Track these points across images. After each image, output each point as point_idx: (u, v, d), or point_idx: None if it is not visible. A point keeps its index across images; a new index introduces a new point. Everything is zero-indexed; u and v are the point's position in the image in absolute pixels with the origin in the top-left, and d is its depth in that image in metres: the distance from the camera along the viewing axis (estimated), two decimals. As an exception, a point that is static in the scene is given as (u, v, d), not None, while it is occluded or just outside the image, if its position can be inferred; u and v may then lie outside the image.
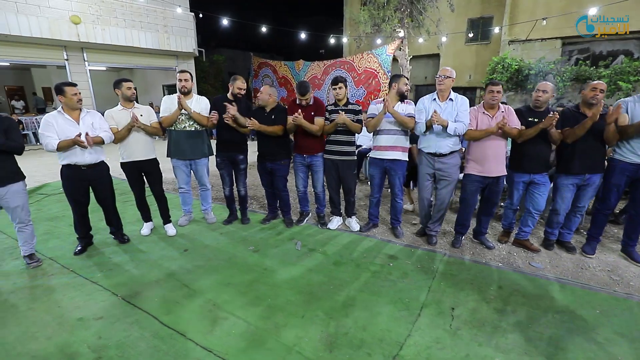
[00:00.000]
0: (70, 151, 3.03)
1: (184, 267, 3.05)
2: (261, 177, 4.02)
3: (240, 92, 3.75)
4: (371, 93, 9.39)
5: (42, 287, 2.73)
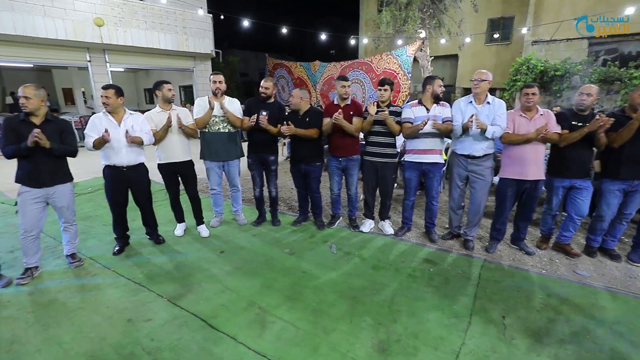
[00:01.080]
0: (109, 151, 3.07)
1: (223, 269, 3.04)
2: (294, 179, 4.01)
3: (265, 92, 3.74)
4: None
5: (88, 287, 2.75)
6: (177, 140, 3.49)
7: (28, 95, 2.62)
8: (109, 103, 3.02)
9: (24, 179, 2.72)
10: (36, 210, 2.79)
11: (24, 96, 2.60)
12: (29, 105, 2.62)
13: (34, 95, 2.63)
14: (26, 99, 2.61)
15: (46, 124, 2.74)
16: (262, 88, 3.73)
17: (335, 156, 3.79)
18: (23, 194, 2.73)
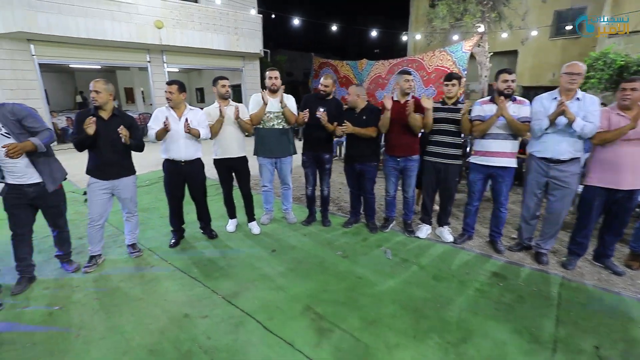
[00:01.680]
0: (169, 145, 3.12)
1: (276, 268, 2.96)
2: (348, 179, 3.85)
3: (324, 90, 3.62)
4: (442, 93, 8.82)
5: (147, 277, 2.81)
6: (234, 136, 3.49)
7: (98, 89, 2.72)
8: (172, 98, 3.07)
9: (93, 171, 2.84)
10: (103, 200, 2.90)
11: (94, 90, 2.70)
12: (98, 99, 2.72)
13: (103, 89, 2.73)
14: (96, 93, 2.71)
15: (113, 118, 2.84)
16: (322, 85, 3.63)
17: (392, 156, 3.57)
18: (92, 185, 2.85)
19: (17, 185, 2.47)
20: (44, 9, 7.79)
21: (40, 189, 2.55)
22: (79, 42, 8.78)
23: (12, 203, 2.49)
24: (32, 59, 8.56)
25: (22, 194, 2.49)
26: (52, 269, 2.95)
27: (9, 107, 2.39)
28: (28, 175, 2.48)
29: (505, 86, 3.03)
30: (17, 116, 2.39)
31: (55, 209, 2.70)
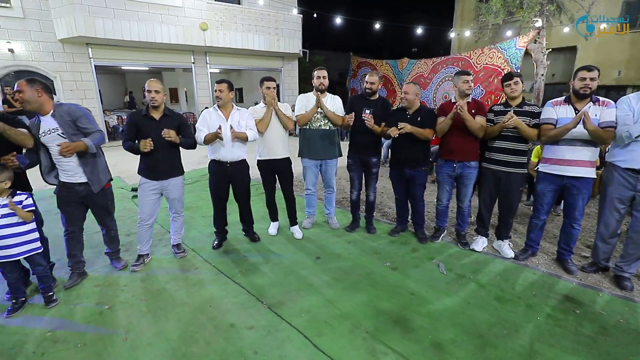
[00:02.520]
0: (216, 146, 3.07)
1: (322, 278, 2.81)
2: (395, 185, 3.61)
3: (370, 88, 3.42)
4: (491, 93, 8.26)
5: (192, 280, 2.76)
6: (279, 136, 3.39)
7: (158, 89, 2.73)
8: (221, 97, 3.02)
9: (144, 171, 2.85)
10: (153, 200, 2.90)
11: (154, 90, 2.71)
12: (158, 99, 2.73)
13: (161, 89, 2.74)
14: (156, 93, 2.72)
15: (164, 118, 2.83)
16: (368, 83, 3.43)
17: (448, 160, 3.29)
18: (143, 185, 2.86)
19: (68, 184, 2.52)
20: (101, 15, 8.26)
21: (89, 188, 2.58)
22: (131, 44, 9.23)
23: (65, 201, 2.55)
24: (90, 61, 9.13)
25: (74, 192, 2.54)
26: (101, 265, 3.00)
27: (65, 107, 2.45)
28: (79, 174, 2.53)
29: (581, 85, 2.66)
30: (72, 117, 2.44)
31: (102, 209, 2.74)
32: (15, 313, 2.32)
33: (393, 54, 15.94)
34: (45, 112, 2.41)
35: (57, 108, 2.44)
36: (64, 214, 2.58)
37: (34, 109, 2.39)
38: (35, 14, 8.29)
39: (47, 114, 2.41)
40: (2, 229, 2.19)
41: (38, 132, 2.39)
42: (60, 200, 2.54)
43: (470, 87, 3.15)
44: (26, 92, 2.31)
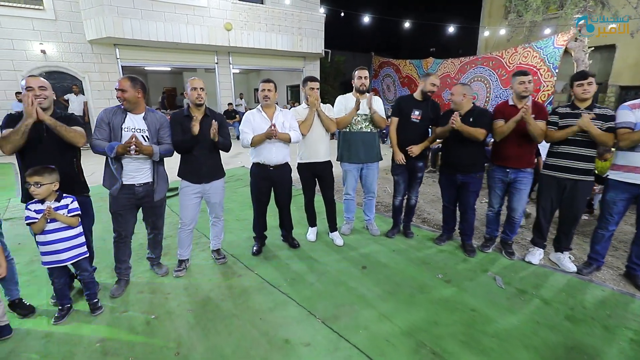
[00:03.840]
0: (260, 148, 2.95)
1: (373, 290, 2.64)
2: (444, 192, 3.41)
3: (432, 90, 3.24)
4: (525, 94, 7.91)
5: (235, 288, 2.64)
6: (321, 138, 3.25)
7: (202, 86, 2.64)
8: (270, 97, 2.91)
9: (186, 173, 2.75)
10: (194, 204, 2.80)
11: (200, 87, 2.62)
12: (204, 97, 2.64)
13: (204, 86, 2.64)
14: (202, 90, 2.63)
15: (206, 118, 2.72)
16: (430, 85, 3.25)
17: (502, 166, 3.08)
18: (184, 189, 2.76)
19: (129, 185, 2.45)
20: (129, 15, 8.33)
21: (149, 187, 2.53)
22: (156, 45, 9.28)
23: (123, 203, 2.47)
24: (117, 61, 9.22)
25: (133, 193, 2.47)
26: (142, 270, 2.92)
27: (158, 114, 2.55)
28: (141, 174, 2.48)
29: None
30: (160, 124, 2.53)
31: (159, 209, 2.68)
32: (62, 320, 2.24)
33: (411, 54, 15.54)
34: (138, 112, 2.45)
35: (148, 112, 2.49)
36: (117, 218, 2.50)
37: (129, 109, 2.42)
38: (67, 16, 8.42)
39: (139, 114, 2.46)
40: (51, 234, 2.12)
41: (120, 125, 2.36)
42: (116, 203, 2.46)
43: (527, 89, 2.93)
44: (129, 91, 2.35)
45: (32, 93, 2.11)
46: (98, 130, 2.38)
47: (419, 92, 3.34)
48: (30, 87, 2.12)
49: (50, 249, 2.13)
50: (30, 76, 2.20)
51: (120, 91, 2.34)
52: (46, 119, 2.11)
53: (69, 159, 2.34)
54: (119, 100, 2.39)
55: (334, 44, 21.39)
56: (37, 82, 2.17)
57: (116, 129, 2.38)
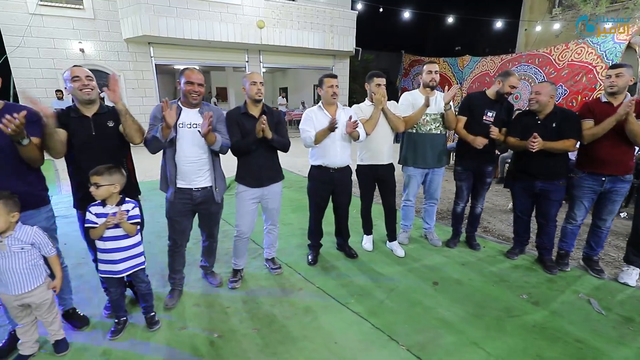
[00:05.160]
0: (323, 149, 2.70)
1: (454, 312, 2.33)
2: (517, 201, 3.05)
3: (511, 92, 2.90)
4: (577, 93, 7.35)
5: (299, 305, 2.39)
6: (386, 139, 2.98)
7: (262, 81, 2.42)
8: (337, 93, 2.66)
9: (244, 177, 2.52)
10: (252, 210, 2.58)
11: (260, 82, 2.39)
12: (263, 92, 2.41)
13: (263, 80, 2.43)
14: (262, 85, 2.39)
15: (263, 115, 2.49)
16: (509, 87, 2.91)
17: (595, 174, 2.70)
18: (242, 194, 2.54)
19: (186, 190, 2.25)
20: (165, 14, 8.32)
21: (207, 192, 2.32)
22: (189, 43, 9.26)
23: (179, 209, 2.27)
24: (151, 60, 9.27)
25: (190, 198, 2.27)
26: (194, 279, 2.73)
27: (213, 107, 2.35)
28: (200, 177, 2.27)
29: None
30: (217, 118, 2.31)
31: (216, 216, 2.47)
32: (119, 335, 2.06)
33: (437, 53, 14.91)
34: (195, 106, 2.24)
35: (204, 106, 2.27)
36: (173, 224, 2.31)
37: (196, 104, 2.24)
38: (105, 15, 8.50)
39: (195, 108, 2.24)
40: (108, 242, 1.93)
41: (176, 122, 2.15)
42: (173, 209, 2.27)
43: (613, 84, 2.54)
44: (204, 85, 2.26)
45: (80, 83, 1.94)
46: (152, 127, 2.17)
47: (494, 91, 3.00)
48: (77, 77, 1.95)
49: (106, 258, 1.95)
50: (76, 66, 2.03)
51: (198, 85, 2.16)
52: (120, 103, 1.96)
53: (119, 158, 2.15)
54: (190, 95, 2.16)
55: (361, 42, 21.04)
56: (83, 71, 2.00)
57: None
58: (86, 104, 2.01)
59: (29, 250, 1.77)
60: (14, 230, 1.73)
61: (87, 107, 2.02)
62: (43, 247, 1.82)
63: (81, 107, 2.01)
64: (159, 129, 2.06)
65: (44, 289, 1.83)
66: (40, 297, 1.82)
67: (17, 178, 1.82)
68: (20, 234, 1.74)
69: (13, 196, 1.70)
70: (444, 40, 23.92)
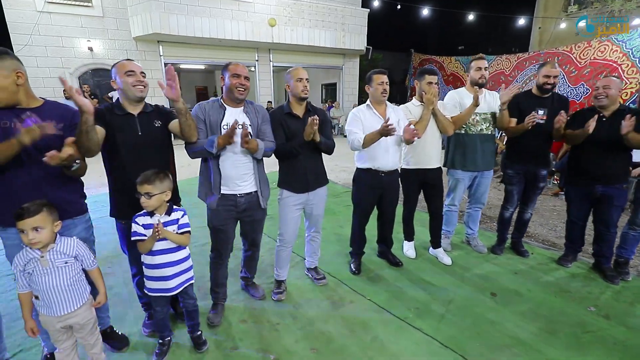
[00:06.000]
0: (375, 152, 2.51)
1: (524, 327, 2.14)
2: (574, 205, 2.86)
3: (547, 82, 2.72)
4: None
5: (356, 321, 2.20)
6: (434, 142, 2.79)
7: (308, 77, 2.22)
8: (387, 91, 2.46)
9: (288, 181, 2.32)
10: (297, 217, 2.40)
11: (306, 78, 2.20)
12: (309, 88, 2.22)
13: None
14: (307, 81, 2.21)
15: (307, 115, 2.30)
16: (543, 77, 2.73)
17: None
18: (285, 199, 2.34)
19: (230, 196, 2.05)
20: (176, 11, 8.13)
21: (251, 198, 2.12)
22: (199, 41, 9.07)
23: (224, 217, 2.08)
24: (160, 58, 9.07)
25: (234, 205, 2.07)
26: (233, 290, 2.53)
27: (257, 106, 2.16)
28: (244, 182, 2.07)
29: None
30: (261, 117, 2.11)
31: (260, 223, 2.28)
32: (164, 357, 1.87)
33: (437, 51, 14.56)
34: (239, 104, 2.06)
35: (248, 104, 2.09)
36: (218, 234, 2.12)
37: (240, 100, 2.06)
38: (113, 13, 8.31)
39: (240, 107, 2.05)
40: (158, 256, 1.74)
41: (219, 122, 1.97)
42: (217, 218, 2.07)
43: None
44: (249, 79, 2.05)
45: (135, 78, 1.75)
46: None
47: (535, 87, 2.84)
48: (131, 72, 1.76)
49: (156, 274, 1.75)
50: (129, 60, 1.85)
51: (245, 78, 1.97)
52: (180, 101, 1.76)
53: (165, 161, 1.97)
54: (237, 90, 1.96)
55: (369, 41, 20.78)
56: (138, 67, 1.83)
57: (214, 126, 1.98)
58: (135, 102, 1.82)
59: (73, 264, 1.58)
60: (54, 242, 1.54)
61: (134, 104, 1.83)
62: (85, 259, 1.63)
63: (127, 104, 1.82)
64: (214, 142, 1.87)
65: (87, 308, 1.65)
66: (84, 317, 1.63)
67: (56, 184, 1.62)
68: (63, 246, 1.55)
69: (50, 204, 1.52)
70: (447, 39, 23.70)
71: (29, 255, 1.50)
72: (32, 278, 1.53)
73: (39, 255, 1.50)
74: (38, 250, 1.50)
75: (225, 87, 2.02)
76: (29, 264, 1.51)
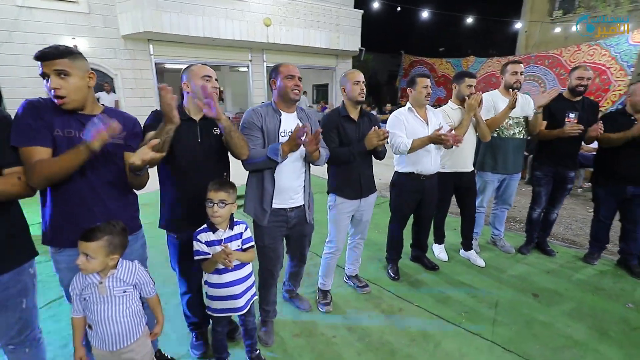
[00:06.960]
0: (419, 156, 2.48)
1: (576, 328, 2.18)
2: (602, 205, 2.94)
3: (581, 84, 2.79)
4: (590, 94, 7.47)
5: (412, 329, 2.17)
6: (470, 147, 2.82)
7: (364, 80, 2.17)
8: (430, 94, 2.45)
9: (342, 188, 2.25)
10: (348, 225, 2.36)
11: (363, 81, 2.14)
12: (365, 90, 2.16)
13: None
14: (363, 84, 2.15)
15: (362, 119, 2.26)
16: (576, 79, 2.80)
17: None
18: (339, 206, 2.28)
19: (280, 211, 1.93)
20: (169, 9, 7.82)
21: (300, 212, 2.01)
22: (192, 41, 8.76)
23: (275, 234, 1.95)
24: (150, 58, 8.70)
25: (285, 220, 1.96)
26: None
27: (308, 111, 2.14)
28: (296, 195, 1.96)
29: None
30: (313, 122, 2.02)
31: (308, 238, 2.18)
32: (226, 379, 1.77)
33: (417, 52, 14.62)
34: (292, 109, 1.95)
35: (299, 109, 1.98)
36: (268, 253, 1.98)
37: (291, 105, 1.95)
38: (100, 9, 7.89)
39: (293, 112, 1.95)
40: (225, 274, 1.63)
41: (277, 129, 1.86)
42: (269, 235, 1.94)
43: None
44: None
45: (211, 84, 1.64)
46: (248, 138, 1.82)
47: (567, 90, 2.91)
48: (209, 77, 1.65)
49: (224, 293, 1.64)
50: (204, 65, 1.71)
51: (299, 79, 1.86)
52: (223, 118, 1.61)
53: (222, 171, 1.85)
54: (293, 91, 1.83)
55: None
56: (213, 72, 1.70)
57: (272, 134, 1.85)
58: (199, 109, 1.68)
59: (131, 293, 1.43)
60: (115, 268, 1.39)
61: (199, 111, 1.70)
62: (145, 286, 1.48)
63: (192, 109, 1.70)
64: (279, 150, 1.73)
65: (144, 340, 1.49)
66: (140, 352, 1.47)
67: (119, 198, 1.49)
68: (123, 273, 1.40)
69: (124, 231, 1.38)
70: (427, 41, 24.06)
71: (87, 280, 1.36)
72: (87, 305, 1.38)
73: (97, 280, 1.36)
74: (97, 274, 1.37)
75: (277, 90, 1.90)
76: (86, 289, 1.37)
